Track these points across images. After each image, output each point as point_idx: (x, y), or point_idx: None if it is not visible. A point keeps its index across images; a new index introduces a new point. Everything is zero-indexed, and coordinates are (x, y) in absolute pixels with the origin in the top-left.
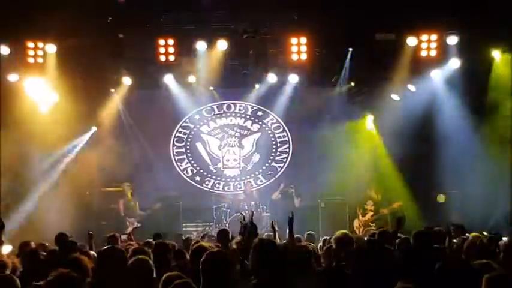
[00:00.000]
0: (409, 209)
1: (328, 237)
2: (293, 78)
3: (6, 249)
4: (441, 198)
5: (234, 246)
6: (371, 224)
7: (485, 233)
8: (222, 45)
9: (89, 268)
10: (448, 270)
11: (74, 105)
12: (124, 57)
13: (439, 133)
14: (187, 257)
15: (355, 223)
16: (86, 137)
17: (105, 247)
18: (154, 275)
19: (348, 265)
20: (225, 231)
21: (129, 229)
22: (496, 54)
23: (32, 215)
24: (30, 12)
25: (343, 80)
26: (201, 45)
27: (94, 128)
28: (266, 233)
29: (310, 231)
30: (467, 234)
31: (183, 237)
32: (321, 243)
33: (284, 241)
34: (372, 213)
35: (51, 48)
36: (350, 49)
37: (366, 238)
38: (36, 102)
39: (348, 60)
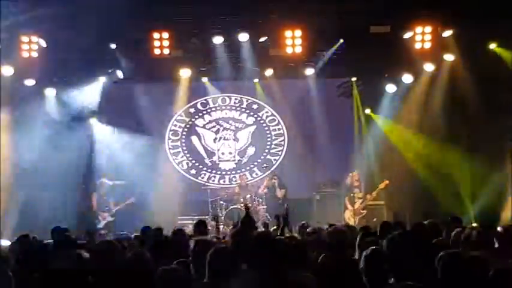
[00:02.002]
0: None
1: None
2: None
3: (4, 243)
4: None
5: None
6: (362, 212)
7: (474, 225)
8: (217, 38)
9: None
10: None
11: (71, 97)
12: (118, 50)
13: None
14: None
15: (346, 214)
16: (85, 129)
17: (101, 241)
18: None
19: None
20: (203, 223)
21: (102, 223)
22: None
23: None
24: (24, 5)
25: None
26: (195, 39)
27: (92, 120)
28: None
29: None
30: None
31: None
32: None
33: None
34: (360, 200)
35: (45, 42)
36: (341, 40)
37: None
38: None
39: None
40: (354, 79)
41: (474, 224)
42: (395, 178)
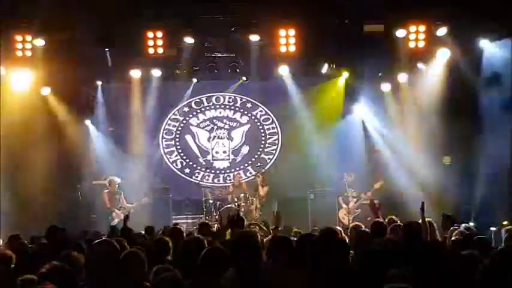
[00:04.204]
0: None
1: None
2: (282, 70)
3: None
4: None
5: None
6: (356, 211)
7: (472, 224)
8: (211, 37)
9: (82, 263)
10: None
11: (65, 98)
12: (113, 50)
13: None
14: None
15: (341, 213)
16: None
17: (97, 241)
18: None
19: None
20: (206, 225)
21: (115, 221)
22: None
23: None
24: (18, 5)
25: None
26: (189, 38)
27: (87, 121)
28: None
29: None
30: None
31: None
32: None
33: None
34: (355, 199)
35: (40, 41)
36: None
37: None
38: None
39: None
40: (346, 75)
41: (471, 224)
42: (390, 178)
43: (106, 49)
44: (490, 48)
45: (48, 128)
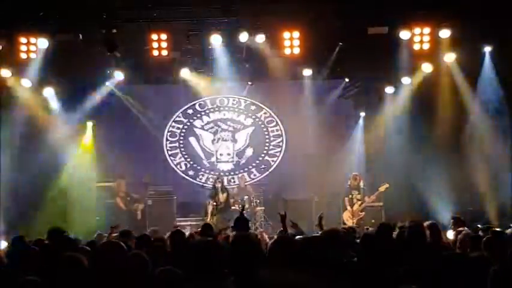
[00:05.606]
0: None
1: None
2: (285, 72)
3: (1, 244)
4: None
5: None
6: (360, 213)
7: (479, 226)
8: (215, 39)
9: (85, 265)
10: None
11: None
12: (117, 52)
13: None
14: None
15: (345, 215)
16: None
17: (103, 242)
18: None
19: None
20: (208, 226)
21: (139, 213)
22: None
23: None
24: (22, 7)
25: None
26: (194, 40)
27: (90, 123)
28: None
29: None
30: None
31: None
32: None
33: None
34: (360, 202)
35: (44, 43)
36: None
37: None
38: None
39: (335, 54)
40: (346, 80)
41: (478, 225)
42: (395, 180)
43: (112, 51)
44: None
45: (49, 129)
